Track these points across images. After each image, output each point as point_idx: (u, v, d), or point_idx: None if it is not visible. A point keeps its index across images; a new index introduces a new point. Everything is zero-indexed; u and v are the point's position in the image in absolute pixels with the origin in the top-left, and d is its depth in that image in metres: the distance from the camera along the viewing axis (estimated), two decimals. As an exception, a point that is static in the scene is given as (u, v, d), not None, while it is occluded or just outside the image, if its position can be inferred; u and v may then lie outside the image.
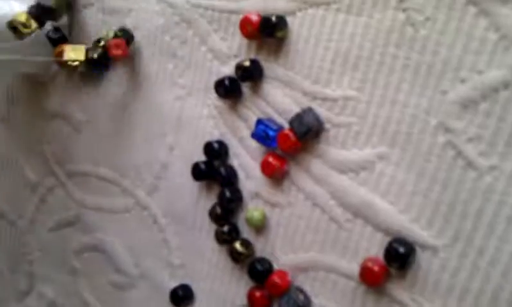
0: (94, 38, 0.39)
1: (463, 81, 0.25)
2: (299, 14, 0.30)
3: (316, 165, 0.30)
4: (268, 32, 0.30)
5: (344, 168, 0.29)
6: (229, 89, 0.32)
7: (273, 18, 0.30)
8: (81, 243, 0.44)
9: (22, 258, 0.49)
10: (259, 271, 0.32)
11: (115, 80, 0.39)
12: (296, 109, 0.31)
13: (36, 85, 0.44)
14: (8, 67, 0.41)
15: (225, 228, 0.34)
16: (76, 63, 0.37)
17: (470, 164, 0.26)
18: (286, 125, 0.31)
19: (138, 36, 0.37)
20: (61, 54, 0.37)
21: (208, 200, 0.35)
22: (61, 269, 0.46)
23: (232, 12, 0.33)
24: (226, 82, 0.32)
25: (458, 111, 0.26)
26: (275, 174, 0.31)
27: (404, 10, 0.27)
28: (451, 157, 0.26)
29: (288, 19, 0.30)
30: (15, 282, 0.50)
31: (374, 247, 0.29)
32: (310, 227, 0.31)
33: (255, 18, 0.30)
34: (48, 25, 0.39)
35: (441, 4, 0.25)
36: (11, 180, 0.48)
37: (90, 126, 0.41)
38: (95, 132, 0.41)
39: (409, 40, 0.27)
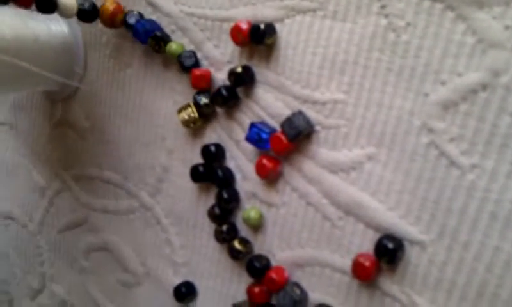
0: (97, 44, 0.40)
1: (443, 83, 0.26)
2: (287, 21, 0.31)
3: (308, 165, 0.31)
4: (258, 39, 0.31)
5: (334, 168, 0.30)
6: (227, 98, 0.33)
7: (262, 26, 0.30)
8: (89, 243, 0.45)
9: (33, 258, 0.50)
10: (257, 268, 0.33)
11: (117, 88, 0.40)
12: (287, 112, 0.31)
13: (42, 93, 0.46)
14: (29, 85, 0.42)
15: (224, 228, 0.35)
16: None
17: (452, 163, 0.26)
18: (278, 128, 0.32)
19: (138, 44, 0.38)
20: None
21: (208, 201, 0.36)
22: (71, 269, 0.47)
23: (223, 20, 0.33)
24: (224, 91, 0.33)
25: (440, 112, 0.26)
26: (269, 176, 0.32)
27: (386, 16, 0.27)
28: (435, 156, 0.27)
29: (277, 26, 0.31)
30: (28, 281, 0.52)
31: (366, 243, 0.30)
32: (304, 225, 0.32)
33: (244, 26, 0.31)
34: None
35: (421, 9, 0.26)
36: (21, 185, 0.49)
37: (94, 132, 0.42)
38: (99, 138, 0.42)
39: (392, 45, 0.27)
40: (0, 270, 0.54)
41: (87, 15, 0.37)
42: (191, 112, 0.35)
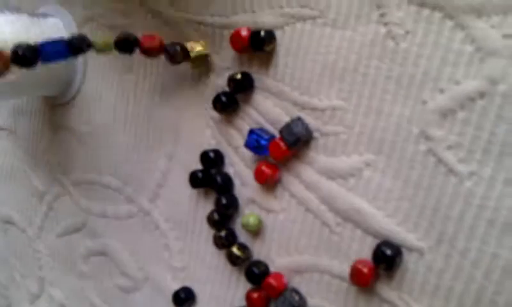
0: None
1: (441, 91, 0.26)
2: (287, 28, 0.31)
3: (307, 172, 0.32)
4: (257, 46, 0.31)
5: (333, 175, 0.31)
6: (226, 104, 0.33)
7: (262, 33, 0.31)
8: (88, 248, 0.45)
9: (32, 263, 0.50)
10: (256, 274, 0.33)
11: (116, 93, 0.40)
12: (286, 119, 0.32)
13: (42, 99, 0.46)
14: (29, 91, 0.42)
15: (223, 233, 0.35)
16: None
17: (450, 171, 0.27)
18: (277, 134, 0.32)
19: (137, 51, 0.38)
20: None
21: (207, 206, 0.36)
22: (70, 273, 0.47)
23: (223, 27, 0.34)
24: (223, 98, 0.33)
25: (438, 120, 0.27)
26: (268, 182, 0.32)
27: (385, 24, 0.28)
28: (433, 163, 0.27)
29: (277, 33, 0.31)
30: (26, 286, 0.52)
31: (364, 250, 0.30)
32: (303, 231, 0.32)
33: (244, 32, 0.31)
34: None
35: (420, 18, 0.26)
36: (20, 189, 0.49)
37: (94, 137, 0.42)
38: (98, 143, 0.42)
39: (391, 53, 0.28)
40: (-1, 274, 0.54)
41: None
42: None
